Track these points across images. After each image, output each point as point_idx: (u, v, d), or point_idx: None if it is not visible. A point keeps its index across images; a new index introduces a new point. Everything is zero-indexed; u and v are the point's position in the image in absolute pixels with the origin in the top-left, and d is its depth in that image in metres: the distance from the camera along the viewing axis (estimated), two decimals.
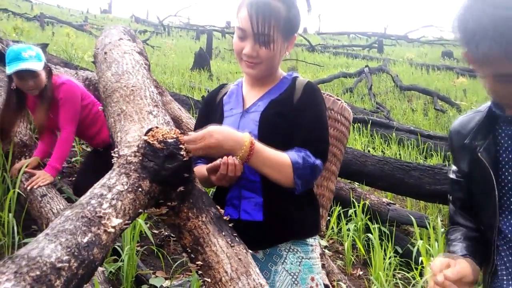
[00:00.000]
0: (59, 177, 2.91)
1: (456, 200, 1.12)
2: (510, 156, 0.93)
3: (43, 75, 2.36)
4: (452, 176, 1.11)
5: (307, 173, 1.10)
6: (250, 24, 1.11)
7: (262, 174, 1.11)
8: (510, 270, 0.96)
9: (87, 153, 2.99)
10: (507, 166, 0.93)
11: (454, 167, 1.10)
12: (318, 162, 1.12)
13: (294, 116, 1.16)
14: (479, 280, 1.00)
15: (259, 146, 1.08)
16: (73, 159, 3.29)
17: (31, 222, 2.31)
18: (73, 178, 3.05)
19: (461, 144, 1.04)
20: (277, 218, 1.16)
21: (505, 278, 0.97)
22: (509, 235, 0.94)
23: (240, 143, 1.05)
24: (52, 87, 2.41)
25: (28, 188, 2.31)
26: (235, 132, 1.06)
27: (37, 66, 2.31)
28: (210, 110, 1.30)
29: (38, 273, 0.59)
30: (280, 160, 1.09)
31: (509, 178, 0.93)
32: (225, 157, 1.10)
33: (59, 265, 0.62)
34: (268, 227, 1.15)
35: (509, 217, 0.94)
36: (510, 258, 0.96)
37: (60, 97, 2.40)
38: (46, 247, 0.64)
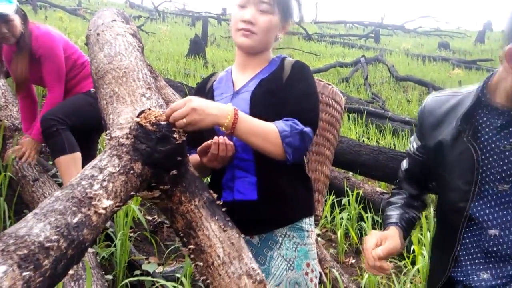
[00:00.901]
0: (51, 162, 2.88)
1: (408, 172, 1.17)
2: (491, 144, 0.94)
3: (17, 20, 2.15)
4: (412, 150, 1.14)
5: (296, 140, 1.09)
6: None
7: (251, 145, 1.10)
8: (476, 261, 0.97)
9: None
10: (487, 154, 0.94)
11: (416, 143, 1.12)
12: (307, 129, 1.11)
13: (284, 93, 1.17)
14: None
15: (244, 115, 1.07)
16: None
17: (23, 207, 2.30)
18: None
19: (433, 123, 1.04)
20: (271, 196, 1.16)
21: (469, 268, 0.98)
22: (479, 220, 0.95)
23: (224, 111, 1.03)
24: (30, 36, 2.20)
25: (20, 163, 2.22)
26: (217, 103, 1.07)
27: (8, 9, 2.11)
28: (201, 97, 1.30)
29: (25, 252, 0.57)
30: (267, 129, 1.08)
31: (488, 166, 0.93)
32: (216, 137, 1.10)
33: (48, 244, 0.61)
34: (263, 206, 1.16)
35: (481, 202, 0.95)
36: (474, 245, 0.97)
37: (39, 54, 2.21)
38: (35, 226, 0.63)
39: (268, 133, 1.07)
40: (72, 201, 0.73)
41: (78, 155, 2.20)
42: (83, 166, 1.24)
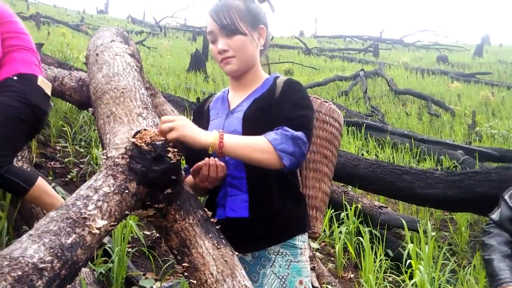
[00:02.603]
0: (51, 178, 2.90)
1: (499, 236, 1.24)
2: None
3: None
4: (498, 221, 1.25)
5: (289, 146, 1.09)
6: (214, 22, 1.19)
7: (247, 161, 1.11)
8: None
9: None
10: None
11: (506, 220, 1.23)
12: (299, 133, 1.11)
13: (276, 108, 1.19)
14: None
15: (230, 135, 1.09)
16: (66, 159, 3.29)
17: (22, 223, 2.31)
18: (66, 179, 3.05)
19: None
20: (263, 214, 1.17)
21: None
22: None
23: (207, 135, 1.05)
24: None
25: None
26: (198, 128, 1.07)
27: None
28: (199, 119, 1.34)
29: (19, 273, 0.59)
30: (256, 142, 1.09)
31: None
32: (206, 158, 1.13)
33: (41, 265, 0.63)
34: (254, 223, 1.17)
35: None
36: None
37: None
38: (29, 248, 0.65)
39: (258, 145, 1.08)
40: (66, 221, 0.75)
41: (40, 181, 1.99)
42: None
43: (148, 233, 2.60)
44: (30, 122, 1.98)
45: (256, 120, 1.19)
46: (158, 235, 2.52)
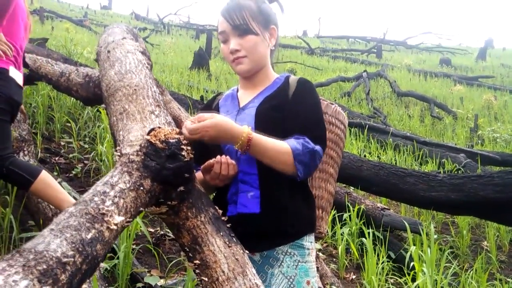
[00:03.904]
0: (56, 173, 2.92)
1: None
2: None
3: None
4: None
5: (307, 158, 1.13)
6: (227, 22, 1.21)
7: (263, 162, 1.14)
8: None
9: None
10: None
11: None
12: (317, 147, 1.15)
13: (290, 109, 1.21)
14: None
15: (258, 137, 1.11)
16: (71, 155, 3.30)
17: (27, 218, 2.33)
18: (71, 174, 3.07)
19: None
20: (273, 210, 1.19)
21: None
22: None
23: (236, 137, 1.09)
24: None
25: None
26: (232, 127, 1.09)
27: None
28: None
29: (45, 267, 0.60)
30: (280, 148, 1.13)
31: None
32: (218, 156, 1.15)
33: (65, 259, 0.64)
34: (265, 219, 1.18)
35: None
36: None
37: None
38: (52, 242, 0.66)
39: (281, 152, 1.12)
40: (86, 217, 0.76)
41: (44, 174, 2.00)
42: None
43: (152, 230, 2.61)
44: (8, 113, 2.01)
45: (268, 117, 1.21)
46: (162, 232, 2.53)
